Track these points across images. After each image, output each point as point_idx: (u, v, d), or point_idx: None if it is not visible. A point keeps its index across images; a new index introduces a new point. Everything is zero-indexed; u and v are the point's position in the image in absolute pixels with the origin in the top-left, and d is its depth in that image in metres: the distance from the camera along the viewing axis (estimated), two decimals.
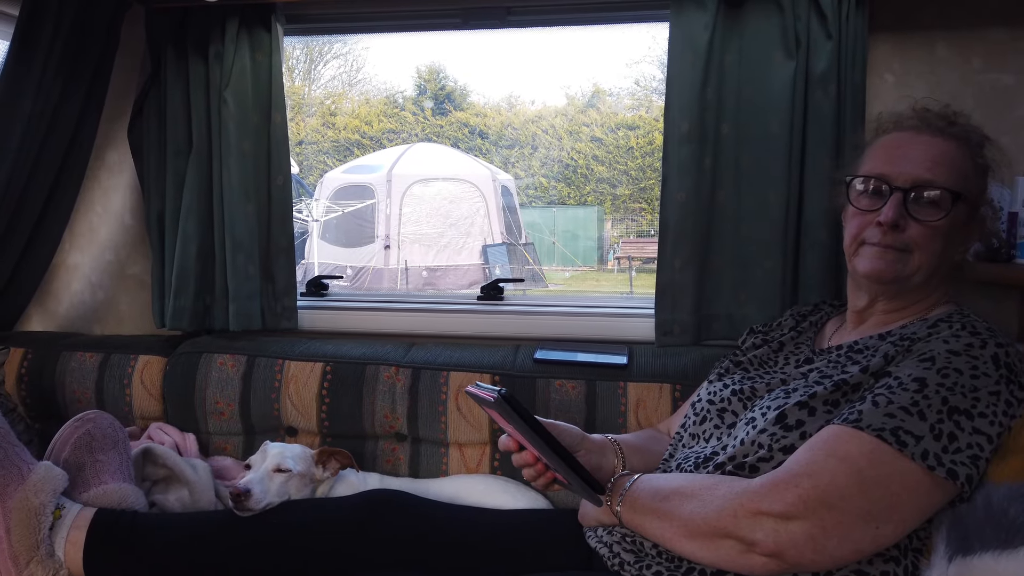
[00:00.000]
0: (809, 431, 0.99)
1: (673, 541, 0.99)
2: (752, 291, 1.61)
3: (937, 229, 1.04)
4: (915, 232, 1.05)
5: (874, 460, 0.89)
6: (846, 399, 1.01)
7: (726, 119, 1.60)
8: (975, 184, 1.08)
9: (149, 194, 1.86)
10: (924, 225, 1.04)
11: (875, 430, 0.90)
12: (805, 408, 1.01)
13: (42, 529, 1.19)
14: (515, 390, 1.58)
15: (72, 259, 2.01)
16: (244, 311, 1.80)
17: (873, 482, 0.88)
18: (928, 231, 1.04)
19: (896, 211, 1.04)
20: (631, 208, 13.03)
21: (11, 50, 1.65)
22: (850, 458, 0.90)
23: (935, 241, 1.05)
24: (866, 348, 1.08)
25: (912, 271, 1.06)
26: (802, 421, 1.00)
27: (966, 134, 1.10)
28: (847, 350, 1.11)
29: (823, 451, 0.92)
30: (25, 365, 1.79)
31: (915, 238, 1.05)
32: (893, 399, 0.93)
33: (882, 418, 0.91)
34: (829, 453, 0.92)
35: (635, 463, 1.23)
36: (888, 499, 0.89)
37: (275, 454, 1.39)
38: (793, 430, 1.00)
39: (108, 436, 1.38)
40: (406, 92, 15.16)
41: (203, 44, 1.77)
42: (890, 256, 1.06)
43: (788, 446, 0.99)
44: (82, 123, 1.82)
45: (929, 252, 1.05)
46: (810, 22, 1.52)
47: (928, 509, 0.92)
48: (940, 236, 1.05)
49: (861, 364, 1.04)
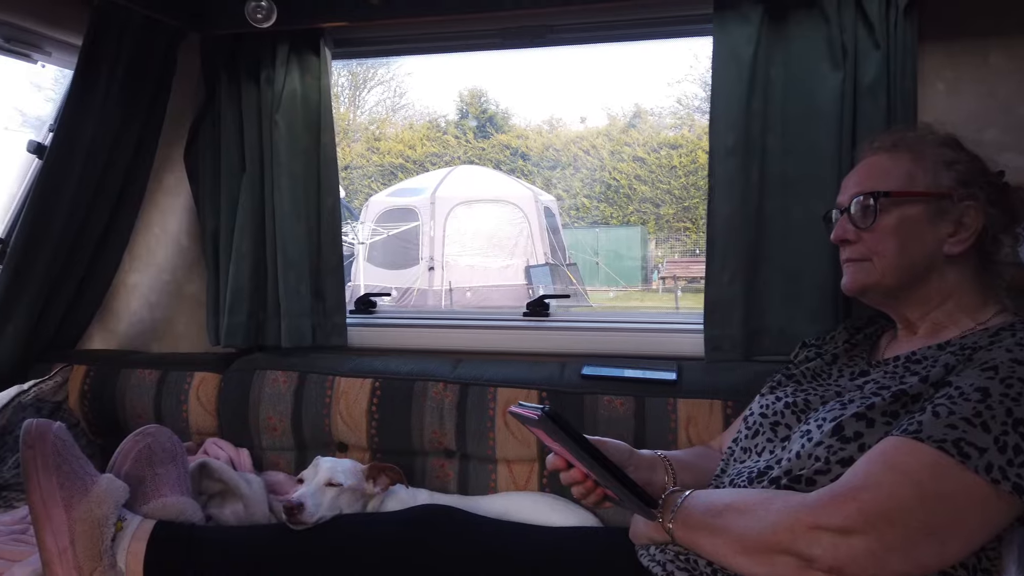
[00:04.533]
0: (868, 443, 0.96)
1: (728, 558, 0.96)
2: (803, 305, 1.58)
3: (881, 230, 1.11)
4: (867, 240, 1.13)
5: (936, 473, 0.86)
6: (905, 410, 0.98)
7: (772, 131, 1.59)
8: (927, 180, 1.11)
9: (204, 215, 1.92)
10: (869, 231, 1.13)
11: (936, 442, 0.87)
12: (863, 419, 0.99)
13: (105, 540, 1.21)
14: (562, 406, 1.57)
15: (131, 279, 2.08)
16: (295, 328, 1.83)
17: (935, 496, 0.85)
18: (874, 235, 1.12)
19: (841, 228, 1.17)
20: (675, 227, 12.94)
21: (75, 78, 1.73)
22: (911, 471, 0.87)
23: (885, 242, 1.11)
24: (925, 358, 1.05)
25: (878, 277, 1.13)
26: (860, 433, 0.98)
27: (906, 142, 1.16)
28: (904, 360, 1.08)
29: (882, 463, 0.90)
30: (87, 382, 1.85)
31: (868, 244, 1.13)
32: (955, 410, 0.90)
33: (943, 429, 0.88)
34: (889, 465, 0.89)
35: (686, 479, 1.21)
36: (952, 514, 0.85)
37: (327, 468, 1.41)
38: (851, 442, 0.98)
39: (167, 450, 1.42)
40: (448, 116, 15.38)
41: (255, 69, 1.83)
42: (852, 268, 1.17)
43: (846, 458, 0.97)
44: (141, 148, 1.90)
45: (884, 253, 1.11)
46: (857, 32, 1.50)
47: (995, 525, 0.88)
48: (889, 236, 1.11)
49: (920, 374, 1.01)
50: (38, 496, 1.20)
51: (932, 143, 1.15)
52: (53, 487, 1.21)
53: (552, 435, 1.00)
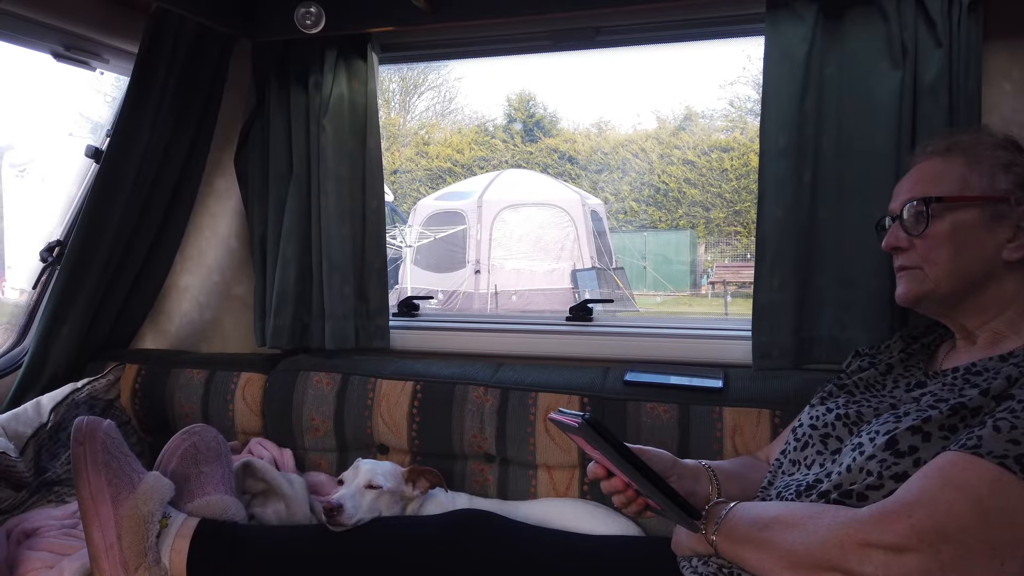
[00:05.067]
0: (923, 458, 0.92)
1: (773, 573, 0.93)
2: (857, 312, 1.53)
3: (934, 237, 1.08)
4: (919, 248, 1.10)
5: (996, 490, 0.82)
6: (964, 424, 0.93)
7: (826, 132, 1.54)
8: (983, 185, 1.07)
9: (253, 218, 1.96)
10: (921, 238, 1.09)
11: (997, 457, 0.83)
12: (919, 433, 0.94)
13: (150, 537, 1.24)
14: (604, 413, 1.55)
15: (183, 281, 2.13)
16: (339, 330, 1.85)
17: (996, 514, 0.81)
18: (926, 242, 1.09)
19: (892, 235, 1.14)
20: (726, 231, 12.75)
21: (131, 85, 1.78)
22: (969, 487, 0.83)
23: (938, 249, 1.08)
24: (986, 370, 1.00)
25: (932, 286, 1.09)
26: (915, 447, 0.93)
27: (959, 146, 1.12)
28: (964, 372, 1.03)
29: (939, 479, 0.85)
30: (138, 381, 1.90)
31: (920, 252, 1.10)
32: (1017, 424, 0.85)
33: (1005, 444, 0.84)
34: (946, 481, 0.85)
35: (731, 491, 1.18)
36: (1013, 532, 0.81)
37: (367, 471, 1.41)
38: (905, 456, 0.93)
39: (212, 449, 1.44)
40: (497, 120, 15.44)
41: (304, 74, 1.86)
42: (905, 277, 1.13)
43: (900, 473, 0.92)
44: (193, 152, 1.95)
45: (937, 261, 1.08)
46: (917, 30, 1.45)
47: None
48: (942, 243, 1.07)
49: (981, 387, 0.96)
50: (87, 492, 1.23)
51: (989, 146, 1.10)
52: (101, 483, 1.24)
53: (592, 443, 0.99)
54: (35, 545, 1.33)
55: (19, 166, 2.43)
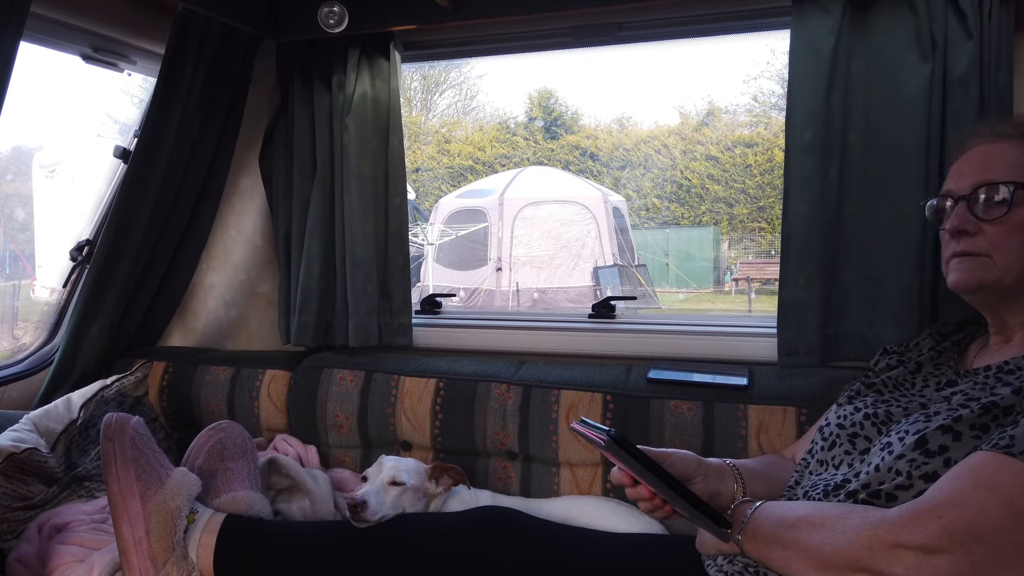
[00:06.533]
0: (954, 457, 0.90)
1: (800, 573, 0.92)
2: (885, 309, 1.51)
3: (1009, 224, 1.02)
4: (989, 234, 1.03)
5: None
6: (996, 423, 0.91)
7: (853, 127, 1.52)
8: None
9: (277, 217, 1.98)
10: (994, 224, 1.03)
11: None
12: (949, 432, 0.93)
13: (178, 531, 1.25)
14: (627, 410, 1.54)
15: (209, 279, 2.15)
16: (362, 328, 1.86)
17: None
18: (1000, 229, 1.02)
19: (960, 218, 1.06)
20: (749, 228, 12.62)
21: (158, 86, 1.80)
22: (1002, 487, 0.81)
23: (1011, 238, 1.02)
24: (1019, 368, 0.98)
25: (999, 275, 1.03)
26: (946, 447, 0.92)
27: None
28: (996, 371, 1.01)
29: (970, 479, 0.84)
30: (166, 378, 1.92)
31: (990, 240, 1.03)
32: None
33: None
34: (978, 481, 0.83)
35: (756, 490, 1.17)
36: None
37: (390, 467, 1.42)
38: (936, 456, 0.92)
39: (238, 445, 1.45)
40: (518, 117, 15.43)
41: (327, 73, 1.87)
42: (967, 264, 1.06)
43: (930, 473, 0.91)
44: (219, 152, 1.97)
45: (1008, 251, 1.02)
46: (947, 22, 1.43)
47: None
48: (1017, 231, 1.02)
49: (1013, 385, 0.94)
50: (116, 487, 1.25)
51: None
52: (130, 479, 1.26)
53: (618, 456, 0.98)
54: (66, 539, 1.35)
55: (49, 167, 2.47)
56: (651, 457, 1.02)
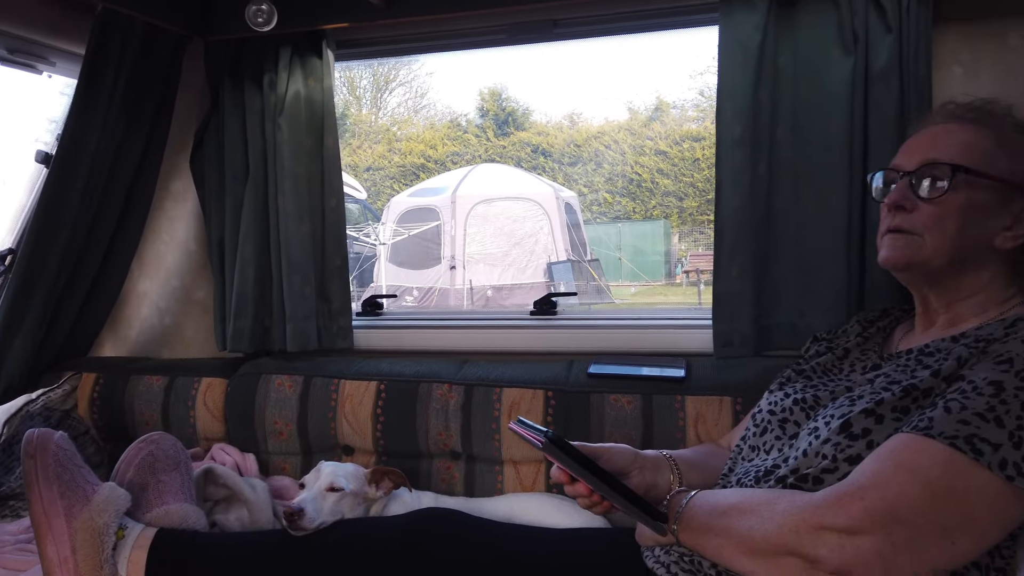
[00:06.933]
0: (876, 440, 0.92)
1: (732, 559, 0.93)
2: (815, 299, 1.54)
3: (946, 207, 1.02)
4: (924, 213, 1.04)
5: (947, 470, 0.82)
6: (916, 405, 0.94)
7: (781, 122, 1.55)
8: (1006, 167, 1.02)
9: (210, 221, 1.93)
10: (931, 204, 1.04)
11: (948, 438, 0.84)
12: (872, 416, 0.95)
13: (105, 549, 1.21)
14: (569, 406, 1.55)
15: (141, 286, 2.09)
16: (301, 332, 1.83)
17: (946, 494, 0.82)
18: (936, 210, 1.03)
19: (900, 193, 1.06)
20: (699, 220, 12.84)
21: (78, 88, 1.74)
22: (921, 468, 0.83)
23: (946, 220, 1.02)
24: (938, 351, 1.01)
25: (928, 255, 1.04)
26: (868, 429, 0.94)
27: (992, 118, 1.07)
28: (917, 354, 1.04)
29: (891, 461, 0.86)
30: (97, 390, 1.86)
31: (924, 219, 1.04)
32: (967, 404, 0.86)
33: (955, 425, 0.85)
34: (898, 463, 0.85)
35: (693, 479, 1.18)
36: (964, 512, 0.82)
37: (328, 473, 1.40)
38: (859, 439, 0.94)
39: (171, 457, 1.41)
40: (469, 115, 15.40)
41: (258, 73, 1.83)
42: (900, 241, 1.06)
43: (854, 456, 0.93)
44: (146, 155, 1.91)
45: (941, 232, 1.03)
46: (868, 16, 1.46)
47: (1008, 523, 0.84)
48: (952, 215, 1.02)
49: (932, 368, 0.96)
50: (39, 506, 1.21)
51: (1012, 127, 1.07)
52: (54, 496, 1.21)
53: (556, 458, 0.99)
54: None
55: None
56: (588, 454, 1.03)
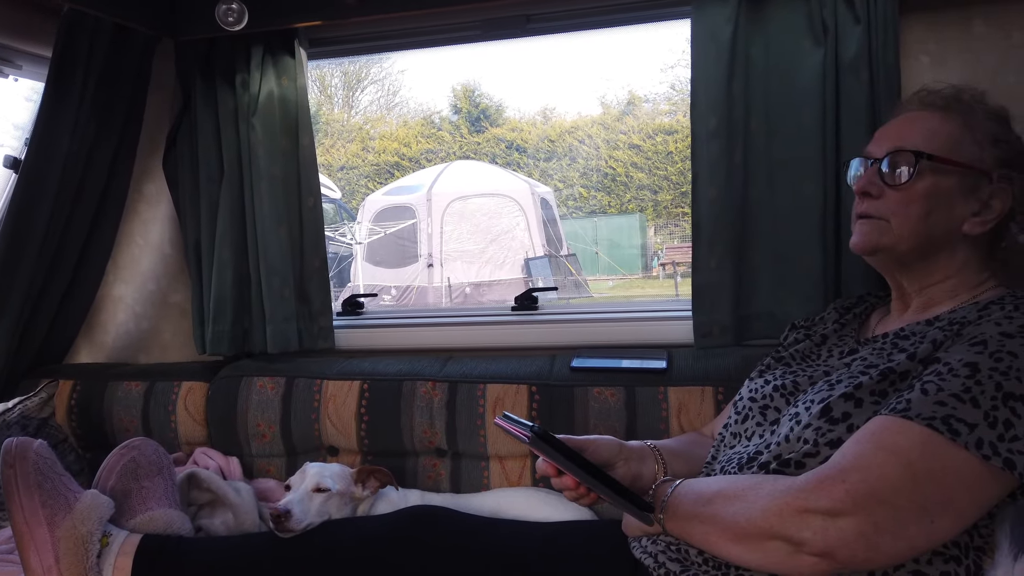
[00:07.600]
0: (856, 423, 0.94)
1: (718, 546, 0.95)
2: (793, 288, 1.56)
3: (911, 193, 1.05)
4: (891, 199, 1.07)
5: (925, 451, 0.84)
6: (894, 388, 0.96)
7: (755, 113, 1.56)
8: (972, 153, 1.04)
9: (186, 223, 1.90)
10: (897, 190, 1.06)
11: (925, 419, 0.86)
12: (851, 400, 0.97)
13: (90, 557, 1.20)
14: (553, 400, 1.55)
15: (116, 291, 2.06)
16: (281, 333, 1.81)
17: (925, 474, 0.84)
18: (901, 195, 1.06)
19: (867, 179, 1.09)
20: (674, 213, 12.91)
21: (46, 91, 1.71)
22: (900, 450, 0.85)
23: (911, 206, 1.05)
24: (913, 334, 1.03)
25: (895, 239, 1.07)
26: (848, 413, 0.96)
27: (961, 105, 1.09)
28: (893, 337, 1.06)
29: (871, 443, 0.88)
30: (74, 397, 1.83)
31: (891, 205, 1.07)
32: (943, 386, 0.88)
33: (932, 406, 0.87)
34: (878, 445, 0.87)
35: (678, 468, 1.20)
36: (942, 492, 0.84)
37: (314, 474, 1.39)
38: (839, 423, 0.96)
39: (153, 463, 1.40)
40: (443, 112, 15.33)
41: (230, 73, 1.81)
42: (868, 227, 1.09)
43: (834, 440, 0.95)
44: (118, 158, 1.88)
45: (906, 217, 1.05)
46: (836, 6, 1.48)
47: (986, 502, 0.86)
48: (917, 200, 1.04)
49: (908, 351, 0.99)
50: (20, 516, 1.20)
51: (983, 114, 1.08)
52: (35, 505, 1.20)
53: (542, 451, 1.00)
54: None
55: None
56: (573, 447, 1.04)
